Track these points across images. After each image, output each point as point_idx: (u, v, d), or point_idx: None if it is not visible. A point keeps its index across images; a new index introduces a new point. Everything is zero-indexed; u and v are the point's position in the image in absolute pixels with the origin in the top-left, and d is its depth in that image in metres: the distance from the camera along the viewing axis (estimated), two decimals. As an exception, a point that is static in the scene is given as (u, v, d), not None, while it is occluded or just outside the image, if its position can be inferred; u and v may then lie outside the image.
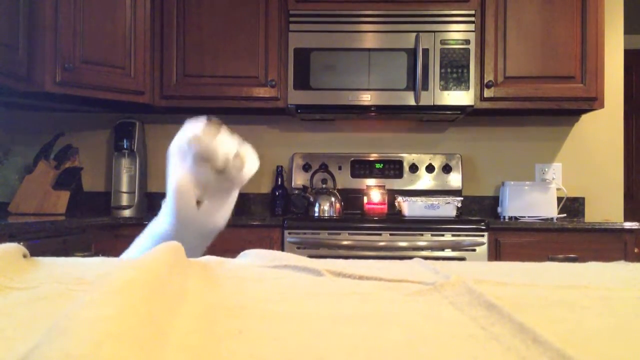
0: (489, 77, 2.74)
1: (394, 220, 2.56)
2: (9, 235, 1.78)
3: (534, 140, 3.08)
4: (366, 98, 2.70)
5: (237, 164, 1.07)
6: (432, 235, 2.44)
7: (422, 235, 2.44)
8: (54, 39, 2.46)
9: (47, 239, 2.01)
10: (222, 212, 1.12)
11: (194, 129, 1.05)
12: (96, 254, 1.21)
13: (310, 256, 1.08)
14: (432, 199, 2.69)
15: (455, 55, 2.69)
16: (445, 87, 2.69)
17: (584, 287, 0.70)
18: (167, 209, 1.09)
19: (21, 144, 2.99)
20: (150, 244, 1.15)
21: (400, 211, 2.76)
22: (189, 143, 1.03)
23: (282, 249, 2.45)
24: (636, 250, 2.47)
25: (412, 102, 2.69)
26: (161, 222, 1.13)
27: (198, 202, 1.09)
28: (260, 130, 3.12)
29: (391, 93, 2.70)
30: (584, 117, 3.06)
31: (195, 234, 1.07)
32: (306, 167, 3.01)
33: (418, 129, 3.11)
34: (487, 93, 2.74)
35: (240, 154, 1.08)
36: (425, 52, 2.69)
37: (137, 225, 2.54)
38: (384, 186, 2.92)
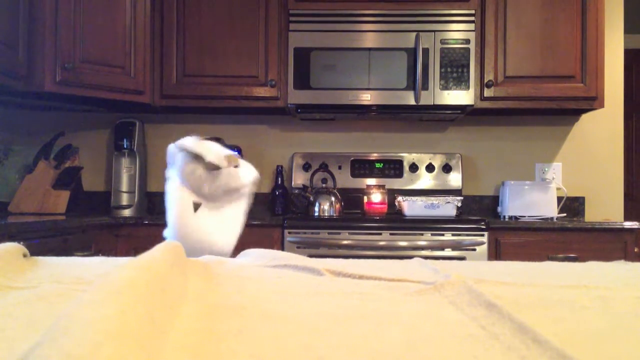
0: (489, 76, 2.74)
1: (394, 220, 2.55)
2: (9, 235, 1.78)
3: (534, 139, 3.08)
4: (366, 97, 2.70)
5: (231, 162, 1.06)
6: (432, 234, 2.44)
7: (422, 234, 2.44)
8: (54, 38, 2.45)
9: (47, 239, 2.01)
10: (224, 225, 1.10)
11: (187, 139, 1.09)
12: (96, 254, 1.22)
13: (311, 256, 1.08)
14: (432, 198, 2.68)
15: (455, 55, 2.69)
16: (445, 87, 2.69)
17: (584, 287, 0.71)
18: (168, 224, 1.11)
19: (21, 143, 2.99)
20: None
21: (400, 211, 2.76)
22: (178, 145, 1.06)
23: (282, 249, 2.45)
24: (636, 249, 2.47)
25: (412, 102, 2.69)
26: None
27: (195, 208, 1.08)
28: (260, 130, 3.12)
29: (391, 92, 2.70)
30: (584, 117, 3.06)
31: (195, 248, 1.05)
32: (306, 167, 3.01)
33: (418, 128, 3.11)
34: (487, 92, 2.74)
35: (233, 156, 1.08)
36: (426, 51, 2.69)
37: (137, 225, 2.54)
38: (384, 186, 2.92)
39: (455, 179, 2.99)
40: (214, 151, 1.05)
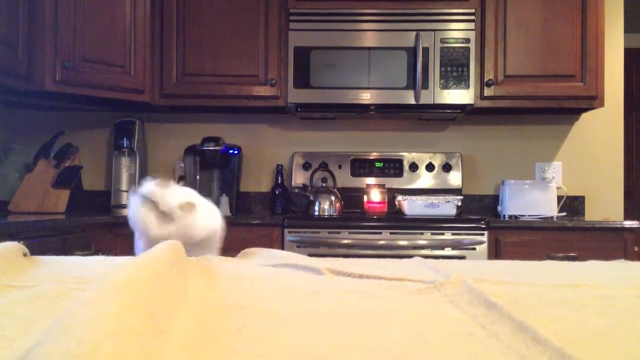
0: (489, 75, 2.74)
1: (394, 219, 2.55)
2: (9, 234, 1.78)
3: (534, 138, 3.08)
4: (366, 97, 2.70)
5: (186, 212, 1.06)
6: (432, 234, 2.44)
7: (422, 234, 2.44)
8: (53, 37, 2.45)
9: (47, 238, 2.01)
10: None
11: (147, 184, 1.11)
12: (96, 253, 1.22)
13: (310, 255, 1.08)
14: (432, 197, 2.68)
15: (455, 54, 2.68)
16: (445, 86, 2.68)
17: (584, 286, 0.71)
18: None
19: (21, 142, 2.99)
20: None
21: (400, 210, 2.76)
22: (136, 191, 1.10)
23: (282, 248, 2.45)
24: (636, 249, 2.47)
25: (412, 101, 2.69)
26: None
27: None
28: (260, 129, 3.12)
29: (391, 92, 2.70)
30: (584, 116, 3.06)
31: None
32: (306, 166, 3.01)
33: (418, 127, 3.11)
34: (487, 92, 2.74)
35: (192, 204, 1.08)
36: (426, 50, 2.68)
37: (137, 224, 2.54)
38: (384, 185, 2.92)
39: (455, 178, 2.99)
40: (169, 200, 1.04)
